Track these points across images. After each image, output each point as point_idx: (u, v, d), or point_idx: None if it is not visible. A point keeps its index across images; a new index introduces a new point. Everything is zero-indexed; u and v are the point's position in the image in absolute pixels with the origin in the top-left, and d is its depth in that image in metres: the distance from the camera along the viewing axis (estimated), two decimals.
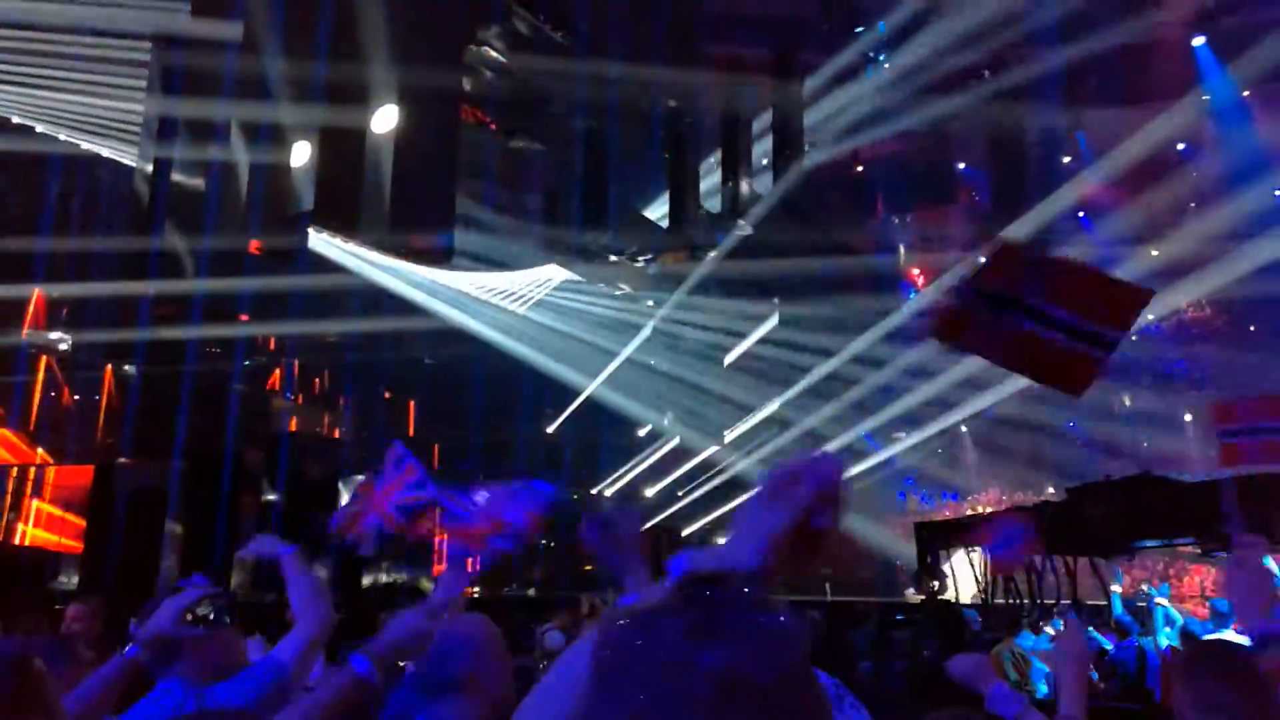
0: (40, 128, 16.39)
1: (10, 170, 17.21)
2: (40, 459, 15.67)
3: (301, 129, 12.68)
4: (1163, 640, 7.35)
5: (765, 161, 20.41)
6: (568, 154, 19.13)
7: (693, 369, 21.81)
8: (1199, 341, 21.91)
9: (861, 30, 19.98)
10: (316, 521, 10.96)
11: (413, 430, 21.96)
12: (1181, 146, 19.83)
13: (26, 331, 18.01)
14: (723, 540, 0.97)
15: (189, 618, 2.33)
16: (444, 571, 3.10)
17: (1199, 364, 21.55)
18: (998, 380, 20.97)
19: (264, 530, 11.48)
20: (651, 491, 22.44)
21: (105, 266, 15.77)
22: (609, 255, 19.69)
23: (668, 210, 19.81)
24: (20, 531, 13.10)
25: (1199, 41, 19.19)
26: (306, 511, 11.18)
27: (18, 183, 17.49)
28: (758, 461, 21.12)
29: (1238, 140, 18.04)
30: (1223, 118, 19.26)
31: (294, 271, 15.35)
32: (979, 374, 21.08)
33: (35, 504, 13.12)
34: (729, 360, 21.93)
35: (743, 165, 19.95)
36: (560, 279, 20.58)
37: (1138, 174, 18.71)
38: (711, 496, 21.71)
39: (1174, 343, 22.17)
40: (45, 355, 18.08)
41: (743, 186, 19.86)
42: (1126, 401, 21.33)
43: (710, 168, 20.34)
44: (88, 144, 16.83)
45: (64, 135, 16.66)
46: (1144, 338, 22.15)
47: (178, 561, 11.74)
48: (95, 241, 16.57)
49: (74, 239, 16.79)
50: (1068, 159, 22.13)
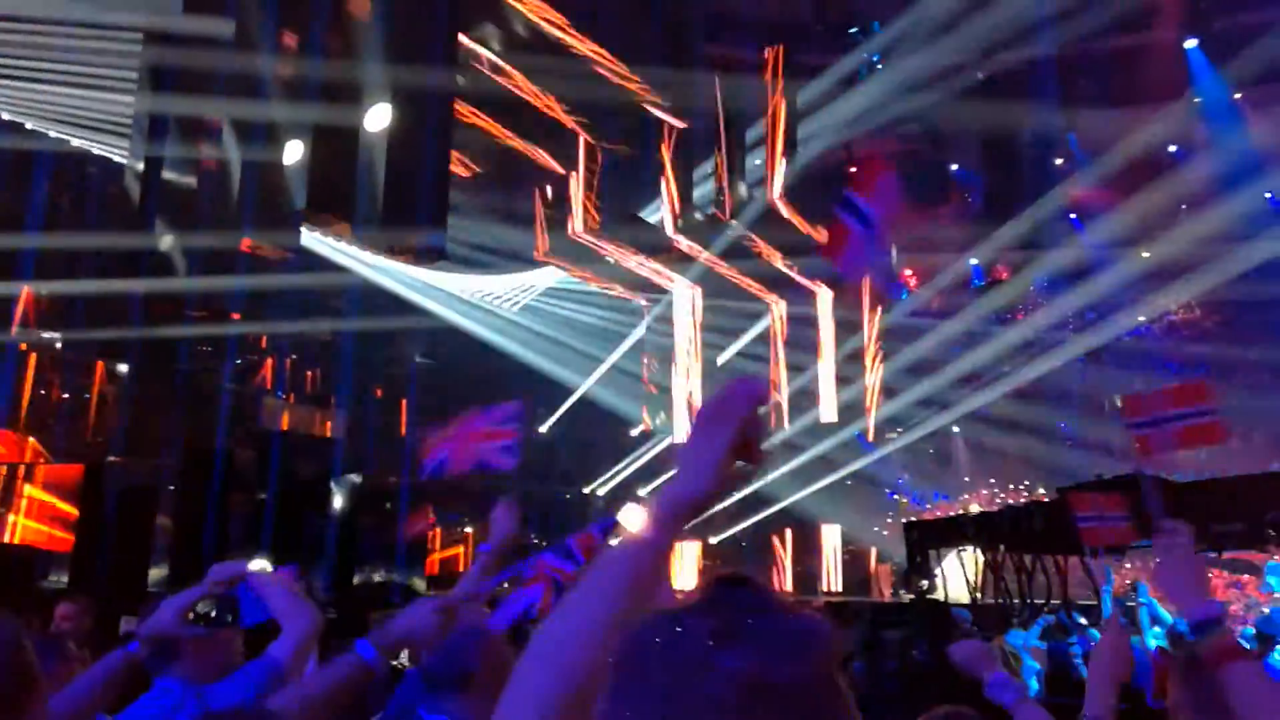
0: (30, 124, 16.31)
1: None
2: (32, 453, 15.58)
3: (294, 127, 12.63)
4: (1150, 641, 7.36)
5: (759, 163, 20.43)
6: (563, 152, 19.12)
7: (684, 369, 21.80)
8: (1190, 342, 21.97)
9: (855, 31, 20.01)
10: (308, 520, 10.94)
11: (404, 429, 21.91)
12: (1173, 148, 19.89)
13: (15, 329, 17.91)
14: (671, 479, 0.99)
15: (190, 616, 2.32)
16: (473, 569, 3.08)
17: (1190, 364, 21.60)
18: (989, 379, 21.06)
19: (255, 529, 11.45)
20: (644, 491, 22.42)
21: (96, 264, 15.70)
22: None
23: (662, 210, 19.80)
24: (11, 523, 12.99)
25: (1191, 44, 19.28)
26: (298, 510, 11.15)
27: (6, 179, 17.39)
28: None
29: (1229, 142, 18.11)
30: (1214, 120, 19.34)
31: (286, 270, 15.31)
32: (969, 374, 21.16)
33: (27, 489, 13.00)
34: (722, 360, 21.93)
35: (736, 166, 19.95)
36: (554, 279, 20.58)
37: (1129, 176, 18.77)
38: None
39: (1165, 343, 22.24)
40: (35, 353, 17.98)
41: (736, 186, 19.87)
42: (1118, 402, 21.37)
43: (704, 168, 20.34)
44: (78, 141, 16.75)
45: (54, 132, 16.57)
46: (1136, 338, 22.24)
47: (168, 560, 11.70)
48: (86, 239, 16.51)
49: (64, 236, 16.71)
50: (1060, 160, 22.19)
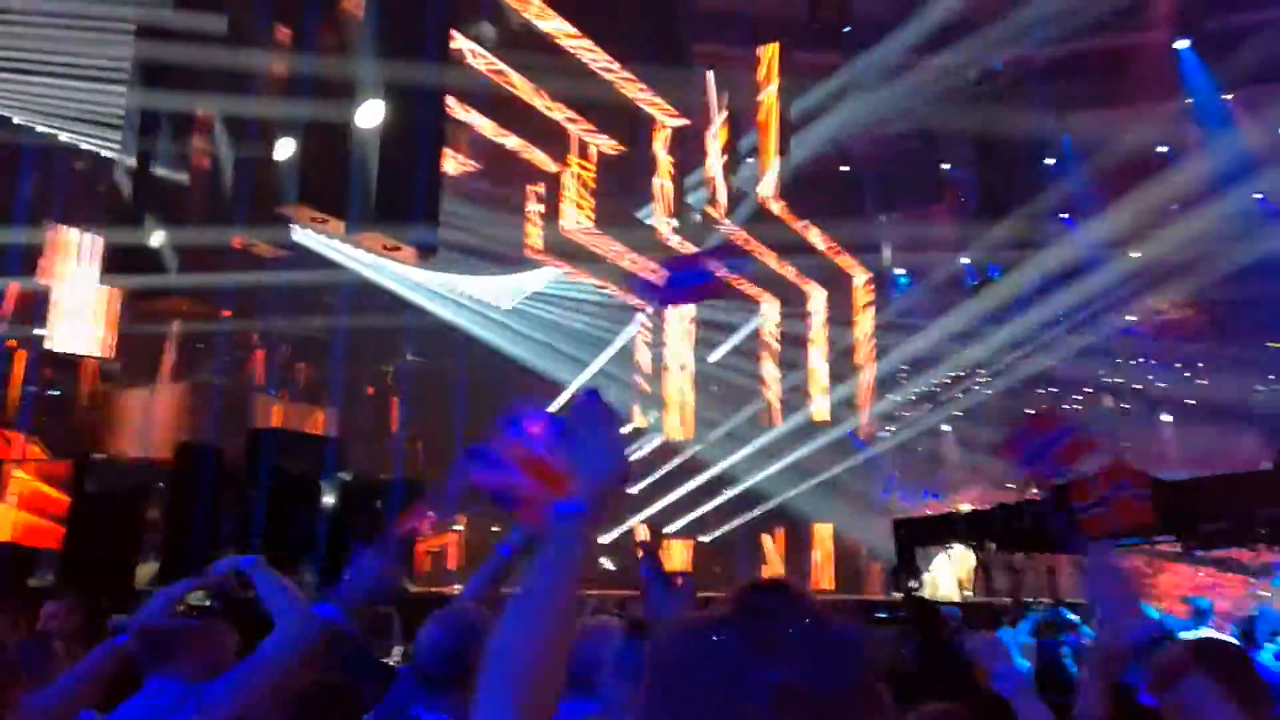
0: (18, 118, 16.21)
1: None
2: (18, 449, 15.49)
3: (286, 123, 12.56)
4: None
5: (751, 160, 20.44)
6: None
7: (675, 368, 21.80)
8: (1179, 342, 22.08)
9: (849, 30, 20.01)
10: (298, 517, 10.90)
11: (395, 427, 21.88)
12: (1163, 149, 19.98)
13: (4, 325, 17.82)
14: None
15: (181, 608, 2.30)
16: (485, 569, 3.05)
17: (1179, 365, 21.70)
18: (980, 378, 21.14)
19: (244, 526, 11.40)
20: (634, 489, 22.43)
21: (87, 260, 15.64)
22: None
23: (654, 208, 19.78)
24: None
25: (1182, 45, 19.36)
26: (288, 507, 11.11)
27: None
28: (743, 460, 21.17)
29: (1219, 143, 18.19)
30: (1205, 121, 19.43)
31: (277, 267, 15.24)
32: (959, 374, 21.23)
33: (13, 486, 12.89)
34: (713, 358, 21.95)
35: (728, 163, 19.96)
36: (548, 280, 20.57)
37: (1120, 176, 18.85)
38: (695, 494, 21.75)
39: (1154, 343, 22.36)
40: (21, 349, 17.88)
41: (729, 185, 19.88)
42: (1107, 402, 21.49)
43: (697, 166, 20.33)
44: (67, 135, 16.66)
45: (41, 126, 16.48)
46: (1125, 337, 22.35)
47: (157, 558, 11.64)
48: (74, 233, 16.44)
49: (51, 230, 16.62)
50: (1051, 160, 22.27)
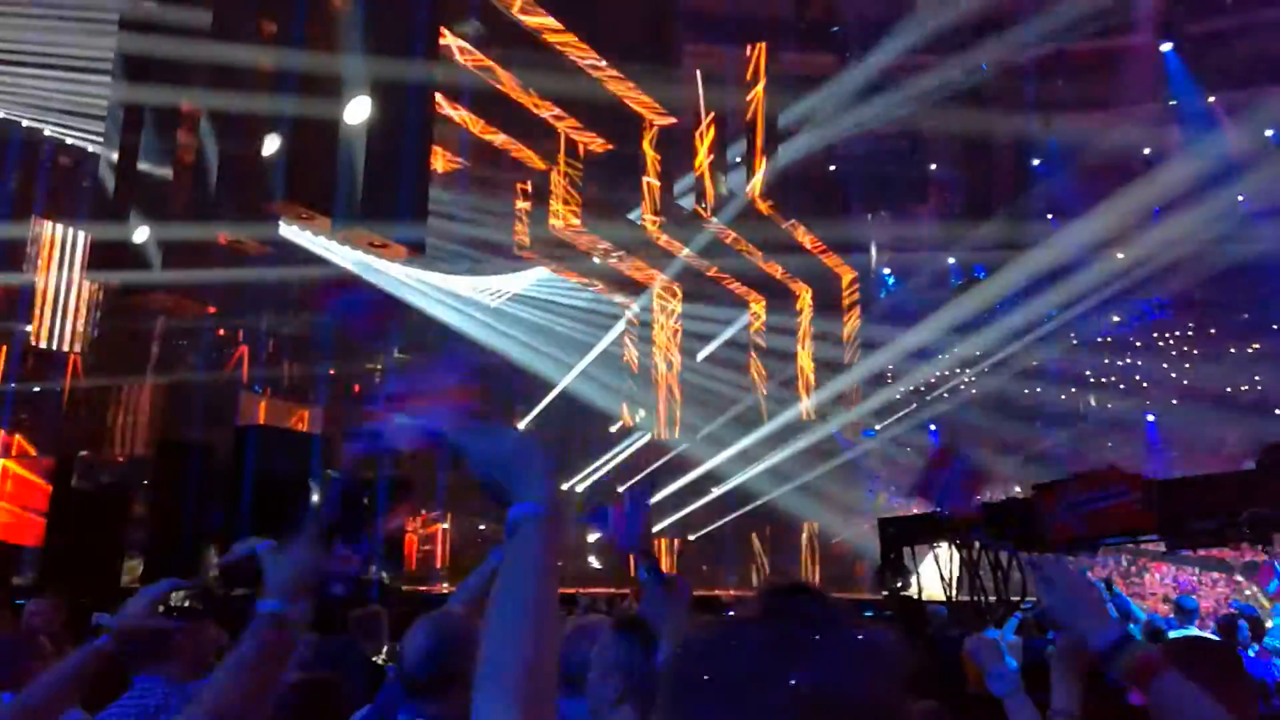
0: (2, 112, 16.07)
1: None
2: (3, 446, 15.35)
3: (272, 119, 12.49)
4: None
5: (739, 159, 20.45)
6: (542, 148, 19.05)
7: (664, 366, 21.82)
8: (1162, 344, 22.24)
9: (837, 29, 20.07)
10: (284, 515, 10.84)
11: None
12: (1148, 151, 20.12)
13: None
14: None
15: (162, 609, 2.28)
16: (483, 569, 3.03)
17: (1162, 366, 21.86)
18: (966, 377, 21.23)
19: (231, 524, 11.34)
20: (622, 488, 22.43)
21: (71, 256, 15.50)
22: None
23: (643, 206, 19.78)
24: None
25: (1166, 47, 19.50)
26: (274, 506, 11.04)
27: None
28: (730, 458, 21.20)
29: (1203, 145, 18.32)
30: (1189, 123, 19.58)
31: (262, 263, 15.16)
32: (945, 374, 21.31)
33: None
34: (701, 357, 21.98)
35: (716, 163, 19.97)
36: (536, 278, 20.55)
37: (1105, 178, 18.97)
38: (682, 493, 21.77)
39: (1139, 345, 22.51)
40: (5, 345, 17.73)
41: (717, 184, 19.89)
42: (1092, 402, 21.63)
43: (685, 165, 20.33)
44: (51, 130, 16.53)
45: (26, 120, 16.35)
46: (1110, 338, 22.49)
47: (141, 556, 11.56)
48: (57, 229, 16.30)
49: (35, 226, 16.48)
50: (1037, 161, 22.39)
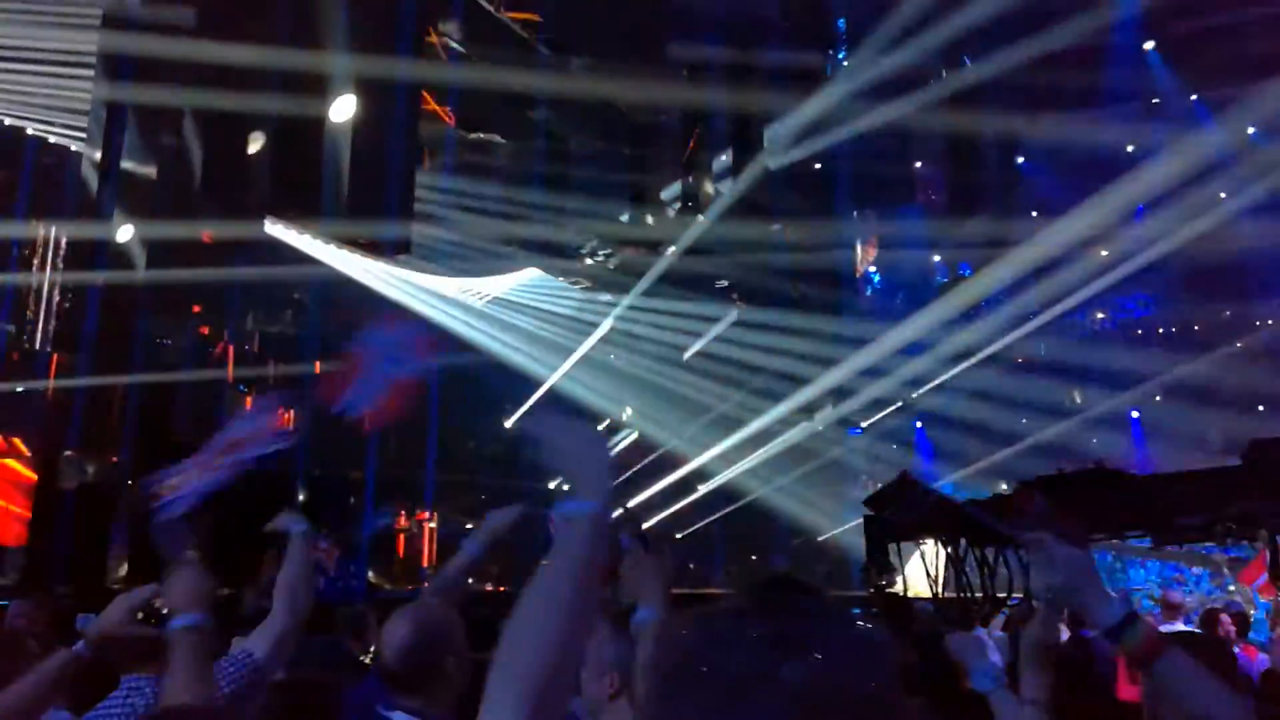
0: None
1: None
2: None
3: (257, 117, 12.44)
4: None
5: (725, 159, 20.48)
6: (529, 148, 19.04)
7: (651, 366, 21.82)
8: (1144, 340, 22.40)
9: (822, 30, 20.10)
10: (269, 514, 10.79)
11: (368, 424, 21.67)
12: (1131, 149, 20.24)
13: None
14: None
15: (141, 615, 2.26)
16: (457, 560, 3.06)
17: (1145, 362, 22.00)
18: (951, 375, 21.32)
19: (214, 524, 11.27)
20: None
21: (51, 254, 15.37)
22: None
23: (629, 206, 19.80)
24: None
25: (1149, 45, 19.63)
26: (259, 505, 10.99)
27: None
28: (718, 456, 21.22)
29: (1185, 143, 18.44)
30: (1171, 121, 19.72)
31: (247, 262, 15.07)
32: (929, 372, 21.40)
33: None
34: (688, 355, 21.97)
35: (703, 163, 19.99)
36: (525, 278, 20.54)
37: (1088, 175, 19.07)
38: (670, 491, 21.76)
39: (1121, 341, 22.66)
40: None
41: (703, 185, 19.91)
42: (1078, 398, 21.76)
43: (671, 165, 20.35)
44: (34, 129, 16.38)
45: (7, 119, 16.20)
46: (1094, 333, 22.64)
47: (125, 556, 11.48)
48: (40, 228, 16.16)
49: (17, 225, 16.33)
50: (1021, 159, 22.52)
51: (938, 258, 25.02)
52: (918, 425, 23.16)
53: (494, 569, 20.71)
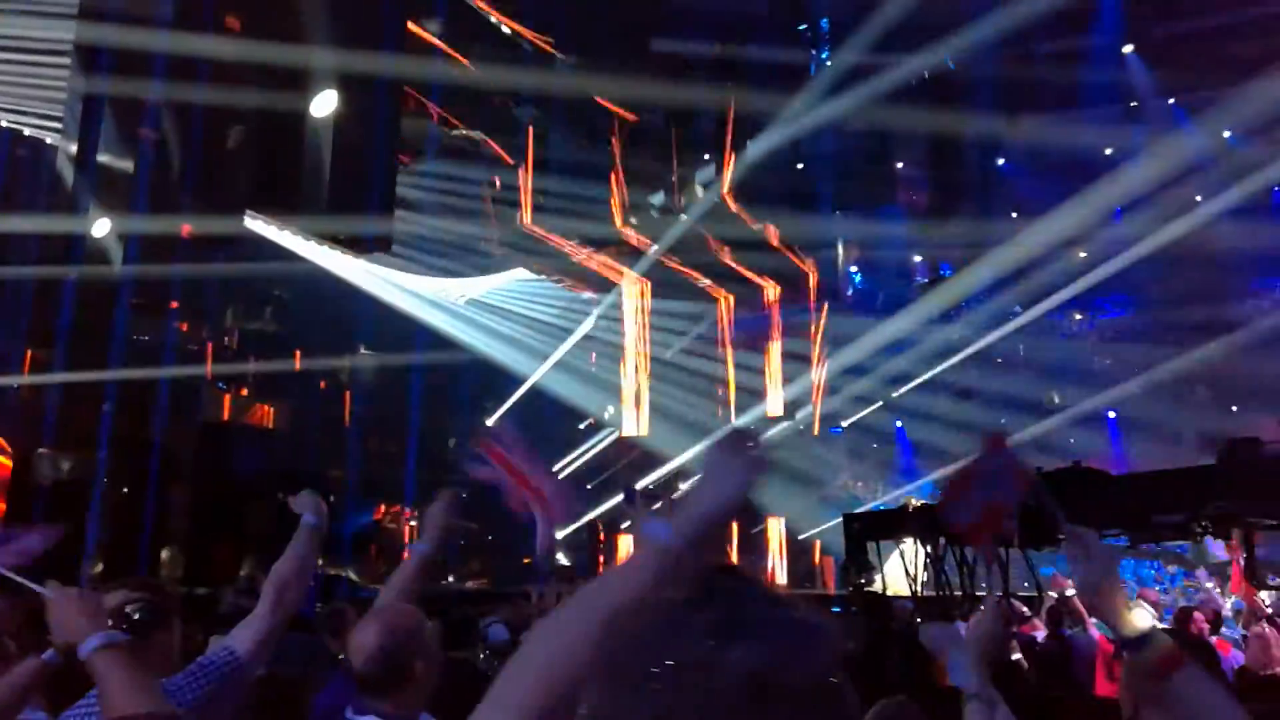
0: None
1: None
2: None
3: (237, 111, 12.33)
4: (1095, 630, 7.50)
5: (708, 157, 20.50)
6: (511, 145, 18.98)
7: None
8: (1121, 340, 22.57)
9: (805, 28, 20.15)
10: (249, 513, 10.71)
11: (348, 421, 21.58)
12: (1109, 151, 20.41)
13: None
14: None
15: (110, 623, 2.22)
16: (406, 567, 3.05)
17: (1121, 362, 22.19)
18: (931, 374, 21.45)
19: (193, 523, 11.18)
20: (591, 485, 22.39)
21: (25, 249, 15.16)
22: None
23: (612, 203, 19.76)
24: None
25: (1128, 49, 19.81)
26: (239, 504, 10.91)
27: None
28: (699, 453, 21.21)
29: (1163, 145, 18.62)
30: (1150, 123, 19.91)
31: (228, 258, 14.94)
32: (910, 369, 21.51)
33: None
34: (670, 353, 21.99)
35: (687, 161, 20.00)
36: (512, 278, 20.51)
37: (1067, 177, 19.22)
38: (652, 488, 21.75)
39: (1099, 341, 22.86)
40: None
41: (687, 182, 19.92)
42: (1056, 398, 21.91)
43: (655, 163, 20.34)
44: (7, 121, 16.18)
45: None
46: (1071, 336, 22.82)
47: (101, 556, 11.37)
48: (14, 223, 15.95)
49: None
50: (1001, 160, 22.66)
51: (919, 258, 25.16)
52: (898, 424, 23.25)
53: (475, 565, 20.70)
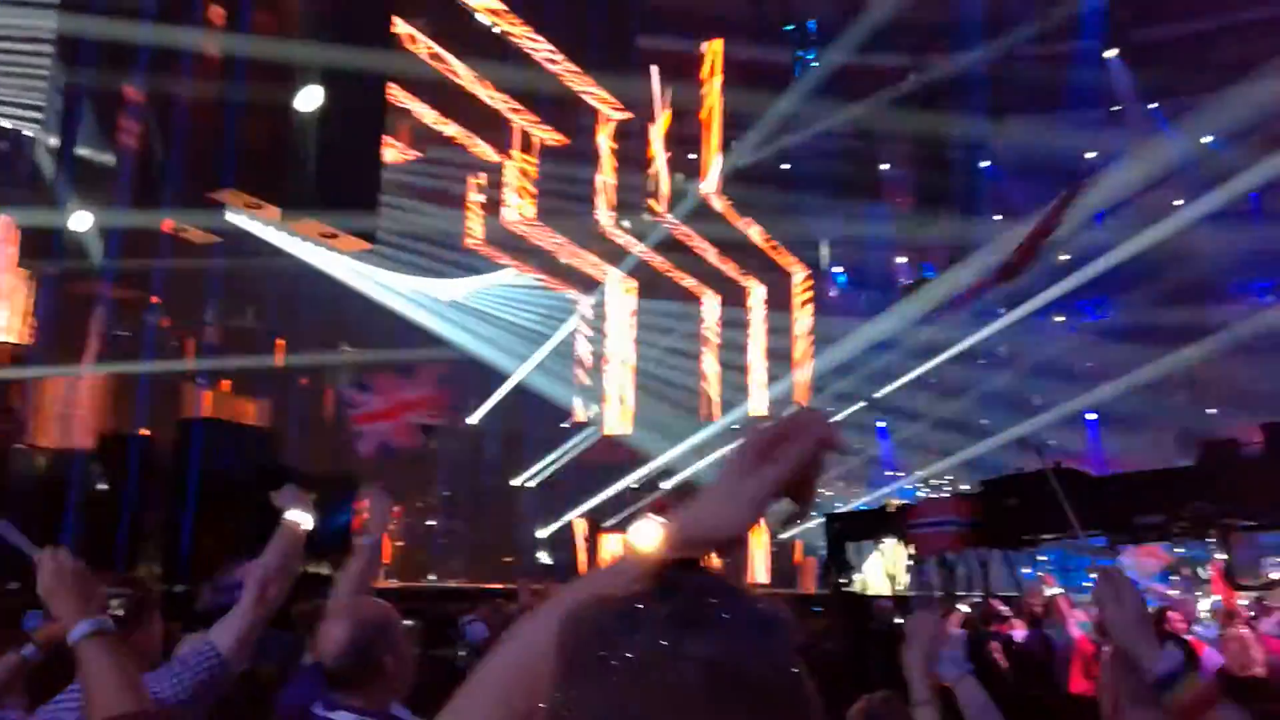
0: None
1: None
2: None
3: (221, 105, 12.22)
4: (1074, 630, 7.56)
5: (694, 157, 20.49)
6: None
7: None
8: (1102, 341, 22.73)
9: (791, 27, 20.19)
10: (231, 510, 10.62)
11: (330, 419, 21.49)
12: (1091, 155, 20.56)
13: None
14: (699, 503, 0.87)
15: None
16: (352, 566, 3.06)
17: (1101, 363, 22.34)
18: (914, 375, 21.56)
19: (174, 520, 11.09)
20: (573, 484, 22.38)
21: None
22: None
23: (597, 202, 19.73)
24: None
25: (1111, 53, 19.96)
26: (220, 500, 10.83)
27: None
28: (682, 454, 21.26)
29: (1145, 150, 18.77)
30: (1131, 128, 20.07)
31: (210, 253, 14.83)
32: (892, 367, 21.61)
33: None
34: (654, 352, 22.00)
35: (671, 158, 20.00)
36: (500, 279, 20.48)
37: (1049, 180, 19.34)
38: (634, 488, 21.78)
39: (1079, 343, 23.02)
40: None
41: (671, 180, 19.93)
42: (1038, 400, 22.06)
43: (640, 161, 20.32)
44: None
45: None
46: (1053, 338, 22.98)
47: (78, 553, 11.25)
48: None
49: None
50: (985, 163, 22.78)
51: (903, 259, 25.28)
52: (880, 424, 23.35)
53: (456, 563, 20.65)
